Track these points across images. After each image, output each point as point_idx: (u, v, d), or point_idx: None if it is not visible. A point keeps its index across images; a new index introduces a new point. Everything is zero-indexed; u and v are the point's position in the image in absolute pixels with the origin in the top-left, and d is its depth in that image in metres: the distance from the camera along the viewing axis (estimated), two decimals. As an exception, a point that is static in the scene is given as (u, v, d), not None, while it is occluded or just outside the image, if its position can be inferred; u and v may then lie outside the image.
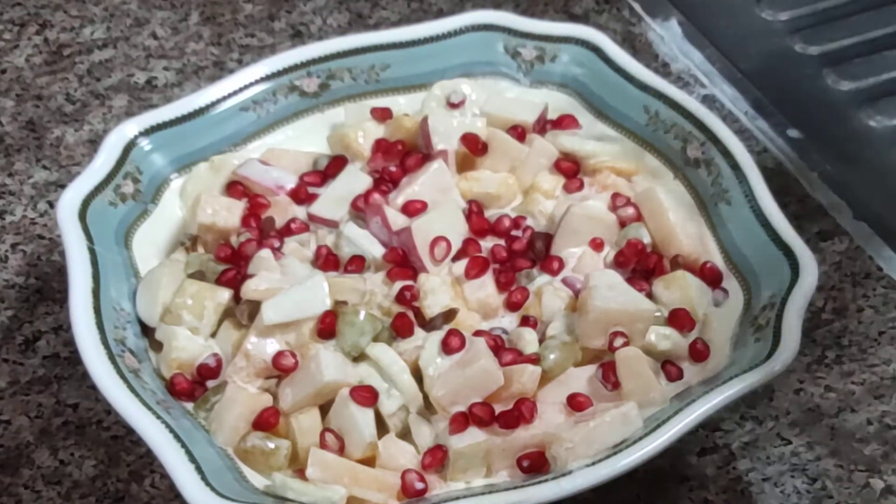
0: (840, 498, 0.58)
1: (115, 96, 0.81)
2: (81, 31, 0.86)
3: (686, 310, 0.59)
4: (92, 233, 0.60)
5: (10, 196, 0.74)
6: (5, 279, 0.69)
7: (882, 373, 0.63)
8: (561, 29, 0.72)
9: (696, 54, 0.83)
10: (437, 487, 0.54)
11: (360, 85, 0.72)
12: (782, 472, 0.59)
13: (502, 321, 0.61)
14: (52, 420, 0.61)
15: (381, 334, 0.58)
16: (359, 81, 0.72)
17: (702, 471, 0.59)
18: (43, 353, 0.65)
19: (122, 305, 0.59)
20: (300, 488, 0.53)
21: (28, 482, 0.59)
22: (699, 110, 0.66)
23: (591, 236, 0.63)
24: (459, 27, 0.72)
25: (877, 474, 0.59)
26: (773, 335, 0.55)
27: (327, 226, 0.65)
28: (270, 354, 0.57)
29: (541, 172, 0.67)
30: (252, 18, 0.88)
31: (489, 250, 0.63)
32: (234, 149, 0.69)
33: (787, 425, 0.61)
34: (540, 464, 0.54)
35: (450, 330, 0.58)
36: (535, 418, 0.55)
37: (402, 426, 0.56)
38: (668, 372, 0.58)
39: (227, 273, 0.61)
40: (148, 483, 0.59)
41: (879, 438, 0.60)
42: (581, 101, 0.72)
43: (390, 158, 0.68)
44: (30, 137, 0.78)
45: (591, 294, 0.58)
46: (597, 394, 0.57)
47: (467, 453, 0.54)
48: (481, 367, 0.55)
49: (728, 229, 0.63)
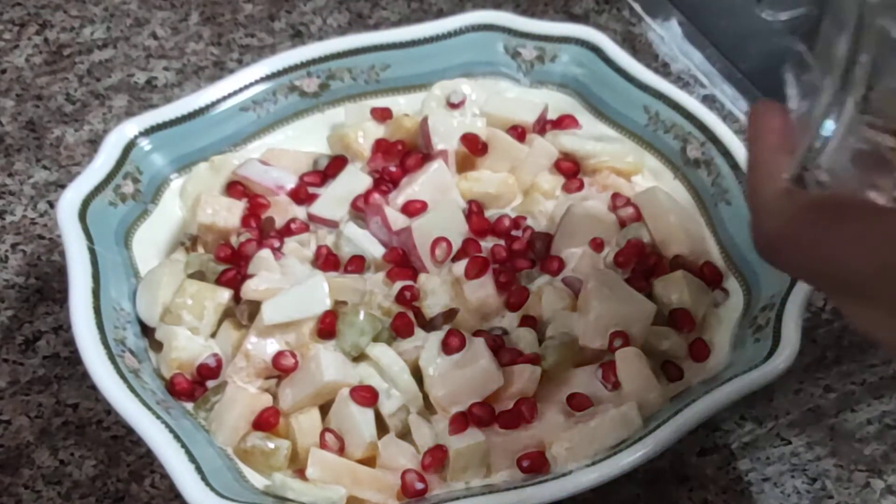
0: (840, 498, 0.58)
1: (115, 96, 0.81)
2: (81, 31, 0.86)
3: (686, 310, 0.59)
4: (92, 233, 0.60)
5: (10, 196, 0.74)
6: (5, 279, 0.69)
7: (882, 373, 0.63)
8: (561, 29, 0.72)
9: (696, 54, 0.83)
10: (437, 487, 0.54)
11: (360, 85, 0.72)
12: (782, 472, 0.59)
13: (502, 321, 0.61)
14: (52, 420, 0.61)
15: (381, 334, 0.58)
16: (359, 81, 0.72)
17: (702, 471, 0.59)
18: (43, 353, 0.65)
19: (122, 305, 0.59)
20: (300, 488, 0.53)
21: (28, 482, 0.59)
22: (699, 110, 0.66)
23: (591, 236, 0.63)
24: (459, 27, 0.72)
25: (877, 474, 0.59)
26: (773, 335, 0.55)
27: (327, 226, 0.65)
28: (270, 354, 0.57)
29: (541, 172, 0.67)
30: (252, 18, 0.88)
31: (489, 250, 0.63)
32: (234, 149, 0.69)
33: (786, 425, 0.61)
34: (540, 464, 0.54)
35: (450, 330, 0.58)
36: (535, 418, 0.55)
37: (402, 426, 0.56)
38: (668, 372, 0.58)
39: (227, 273, 0.61)
40: (148, 483, 0.59)
41: (879, 438, 0.60)
42: (581, 101, 0.72)
43: (390, 158, 0.68)
44: (30, 137, 0.78)
45: (591, 294, 0.58)
46: (597, 394, 0.57)
47: (467, 453, 0.54)
48: (481, 367, 0.56)
49: (728, 229, 0.63)
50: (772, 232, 0.37)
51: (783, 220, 0.36)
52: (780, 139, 0.37)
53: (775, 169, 0.37)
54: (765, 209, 0.37)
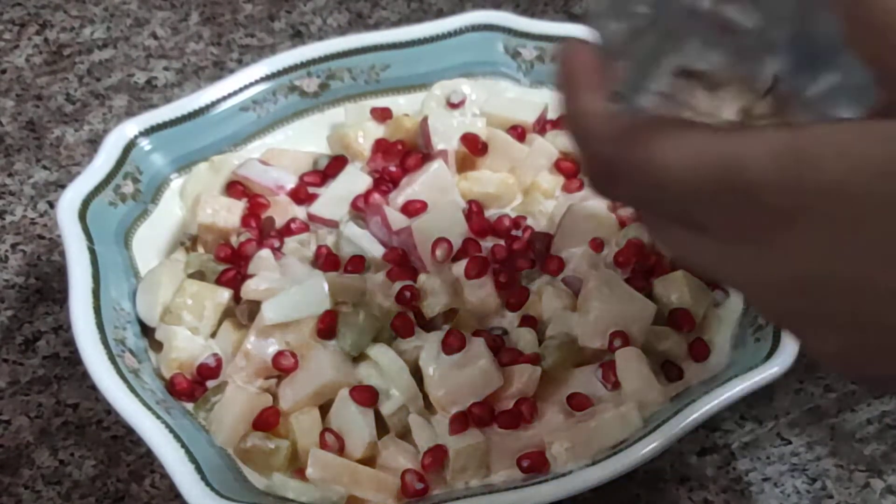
0: (840, 498, 0.58)
1: (115, 96, 0.81)
2: (81, 31, 0.86)
3: (686, 310, 0.59)
4: (92, 233, 0.60)
5: (10, 196, 0.74)
6: (5, 279, 0.69)
7: (882, 373, 0.63)
8: (561, 29, 0.72)
9: (696, 54, 0.83)
10: (437, 487, 0.54)
11: (360, 85, 0.72)
12: (782, 472, 0.59)
13: (502, 321, 0.61)
14: (52, 420, 0.61)
15: (381, 334, 0.58)
16: (359, 81, 0.72)
17: (702, 471, 0.59)
18: (43, 353, 0.65)
19: (122, 305, 0.59)
20: (300, 488, 0.53)
21: (28, 482, 0.59)
22: (699, 110, 0.66)
23: (591, 236, 0.63)
24: (459, 27, 0.72)
25: (877, 474, 0.59)
26: (773, 335, 0.55)
27: (327, 226, 0.65)
28: (270, 354, 0.57)
29: (541, 172, 0.67)
30: (252, 18, 0.88)
31: (489, 250, 0.63)
32: (234, 149, 0.69)
33: (787, 425, 0.61)
34: (540, 464, 0.54)
35: (450, 330, 0.58)
36: (535, 418, 0.55)
37: (402, 426, 0.56)
38: (668, 372, 0.58)
39: (227, 273, 0.61)
40: (148, 483, 0.59)
41: (879, 438, 0.60)
42: (581, 101, 0.72)
43: (390, 158, 0.68)
44: (30, 137, 0.78)
45: (591, 294, 0.58)
46: (597, 394, 0.57)
47: (467, 453, 0.54)
48: (481, 367, 0.55)
49: (728, 229, 0.63)
50: (604, 157, 0.35)
51: (612, 144, 0.35)
52: (593, 72, 0.36)
53: (593, 98, 0.36)
54: (592, 136, 0.35)
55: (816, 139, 0.30)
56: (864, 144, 0.29)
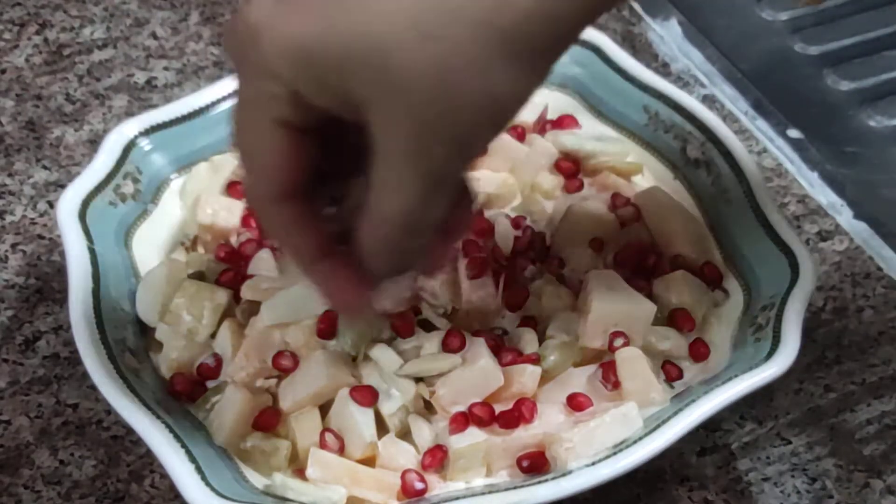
0: (840, 498, 0.58)
1: (115, 96, 0.81)
2: (81, 31, 0.86)
3: (686, 310, 0.59)
4: (92, 233, 0.60)
5: (10, 196, 0.74)
6: (5, 279, 0.69)
7: (882, 373, 0.63)
8: (561, 29, 0.72)
9: (696, 54, 0.83)
10: (437, 487, 0.54)
11: (360, 85, 0.72)
12: (782, 472, 0.59)
13: (502, 321, 0.61)
14: (52, 420, 0.61)
15: (381, 334, 0.58)
16: (359, 81, 0.72)
17: (702, 471, 0.59)
18: (43, 353, 0.65)
19: (122, 305, 0.59)
20: (300, 488, 0.53)
21: (28, 482, 0.59)
22: (699, 110, 0.66)
23: (591, 236, 0.63)
24: (459, 27, 0.72)
25: (877, 474, 0.59)
26: (773, 335, 0.55)
27: (327, 226, 0.65)
28: (270, 354, 0.57)
29: (541, 172, 0.67)
30: (252, 18, 0.87)
31: (489, 250, 0.63)
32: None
33: (787, 425, 0.61)
34: (540, 464, 0.54)
35: (450, 330, 0.58)
36: (535, 418, 0.55)
37: (402, 426, 0.56)
38: (668, 372, 0.58)
39: (227, 273, 0.61)
40: (148, 483, 0.59)
41: (879, 438, 0.60)
42: (581, 101, 0.72)
43: (390, 158, 0.68)
44: (30, 137, 0.78)
45: (591, 294, 0.58)
46: (597, 394, 0.57)
47: (467, 453, 0.54)
48: (481, 367, 0.55)
49: (728, 229, 0.63)
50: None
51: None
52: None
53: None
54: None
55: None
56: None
